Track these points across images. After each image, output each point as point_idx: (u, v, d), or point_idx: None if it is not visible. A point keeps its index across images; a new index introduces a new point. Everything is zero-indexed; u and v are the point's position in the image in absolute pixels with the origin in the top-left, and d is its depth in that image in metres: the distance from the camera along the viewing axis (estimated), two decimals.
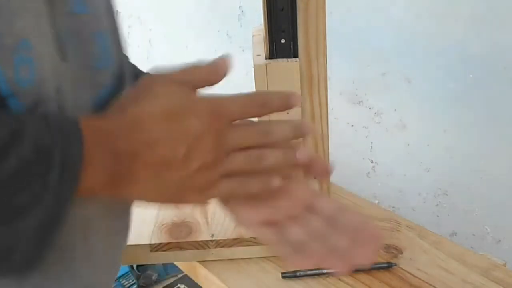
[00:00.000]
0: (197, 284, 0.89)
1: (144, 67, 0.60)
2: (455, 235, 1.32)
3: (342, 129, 1.45)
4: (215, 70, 0.48)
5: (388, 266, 0.81)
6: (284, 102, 0.49)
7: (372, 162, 1.45)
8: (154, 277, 1.44)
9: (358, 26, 1.35)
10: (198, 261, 0.85)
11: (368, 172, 1.46)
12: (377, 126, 1.40)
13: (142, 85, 0.45)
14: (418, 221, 0.94)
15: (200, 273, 0.85)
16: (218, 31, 1.71)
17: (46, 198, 0.37)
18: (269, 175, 0.46)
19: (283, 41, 0.81)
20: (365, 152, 1.45)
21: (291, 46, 0.81)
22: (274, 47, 0.81)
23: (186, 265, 0.87)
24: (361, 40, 1.36)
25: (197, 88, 0.47)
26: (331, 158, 0.91)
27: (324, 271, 0.81)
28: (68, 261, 0.46)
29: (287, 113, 0.83)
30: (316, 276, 0.81)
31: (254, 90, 0.82)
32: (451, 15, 1.18)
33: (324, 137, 0.89)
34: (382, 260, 0.83)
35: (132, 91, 0.45)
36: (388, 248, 0.86)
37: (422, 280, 0.79)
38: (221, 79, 0.47)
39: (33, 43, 0.40)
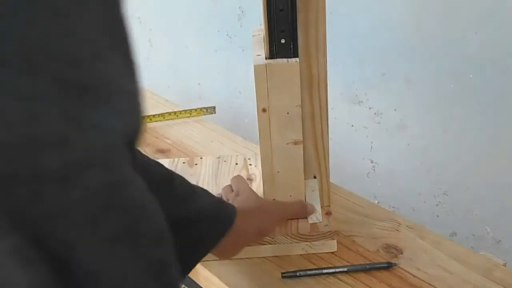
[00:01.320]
0: (197, 284, 0.89)
1: (144, 67, 0.60)
2: (455, 235, 1.32)
3: (342, 129, 1.45)
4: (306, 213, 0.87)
5: (388, 266, 0.81)
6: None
7: (372, 162, 1.45)
8: None
9: (358, 26, 1.35)
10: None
11: (368, 172, 1.46)
12: (377, 126, 1.40)
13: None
14: (418, 221, 0.94)
15: (200, 273, 0.85)
16: (218, 31, 1.71)
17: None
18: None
19: (283, 41, 0.81)
20: (365, 152, 1.45)
21: (291, 46, 0.81)
22: (274, 47, 0.81)
23: None
24: (361, 40, 1.36)
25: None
26: (331, 158, 0.91)
27: (324, 271, 0.81)
28: None
29: (287, 113, 0.83)
30: (316, 276, 0.81)
31: (254, 90, 0.82)
32: (451, 15, 1.18)
33: (324, 137, 0.89)
34: (382, 260, 0.83)
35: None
36: (388, 248, 0.86)
37: (422, 280, 0.79)
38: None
39: None
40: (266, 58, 0.82)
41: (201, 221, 0.72)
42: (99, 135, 0.29)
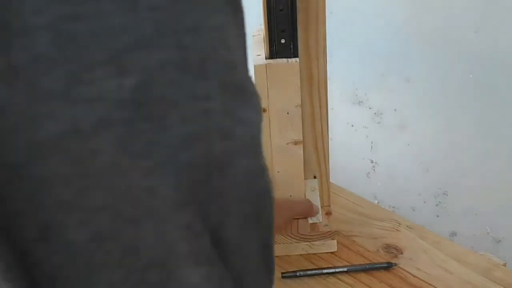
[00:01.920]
0: None
1: None
2: (455, 235, 1.32)
3: (342, 129, 1.45)
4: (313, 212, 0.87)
5: (388, 266, 0.81)
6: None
7: (372, 162, 1.45)
8: None
9: (358, 26, 1.35)
10: None
11: (368, 172, 1.46)
12: (377, 126, 1.40)
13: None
14: (418, 221, 0.94)
15: None
16: None
17: None
18: None
19: (283, 41, 0.81)
20: (365, 152, 1.45)
21: (291, 46, 0.81)
22: (274, 47, 0.81)
23: None
24: (361, 40, 1.36)
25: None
26: (331, 158, 0.91)
27: (324, 271, 0.81)
28: None
29: (287, 113, 0.83)
30: (316, 276, 0.81)
31: None
32: (451, 15, 1.18)
33: (324, 137, 0.89)
34: (382, 260, 0.83)
35: None
36: (388, 248, 0.86)
37: (422, 280, 0.79)
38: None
39: None
40: (266, 58, 0.82)
41: None
42: (248, 128, 0.36)
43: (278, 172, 0.87)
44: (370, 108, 1.40)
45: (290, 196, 0.88)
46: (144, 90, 0.30)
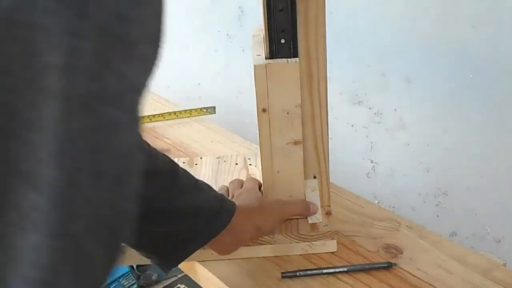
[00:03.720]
0: (197, 284, 0.89)
1: None
2: (455, 235, 1.31)
3: (342, 129, 1.45)
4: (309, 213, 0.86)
5: (388, 266, 0.81)
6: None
7: (372, 162, 1.45)
8: (154, 277, 1.44)
9: (358, 26, 1.35)
10: (198, 261, 0.85)
11: (368, 172, 1.46)
12: (377, 126, 1.40)
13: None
14: (418, 221, 0.94)
15: (200, 273, 0.85)
16: (218, 31, 1.71)
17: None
18: None
19: (283, 41, 0.81)
20: (365, 152, 1.44)
21: (291, 46, 0.81)
22: (274, 47, 0.81)
23: (186, 265, 0.87)
24: (361, 40, 1.36)
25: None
26: (331, 158, 0.91)
27: (324, 271, 0.81)
28: None
29: (287, 113, 0.83)
30: (316, 276, 0.81)
31: (254, 90, 0.82)
32: (451, 15, 1.18)
33: (324, 137, 0.89)
34: (382, 260, 0.83)
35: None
36: (388, 248, 0.86)
37: (422, 280, 0.79)
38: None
39: None
40: (266, 58, 0.82)
41: (199, 215, 0.74)
42: (122, 82, 0.36)
43: (278, 172, 0.87)
44: (370, 108, 1.40)
45: (290, 196, 0.88)
46: (17, 11, 0.32)
